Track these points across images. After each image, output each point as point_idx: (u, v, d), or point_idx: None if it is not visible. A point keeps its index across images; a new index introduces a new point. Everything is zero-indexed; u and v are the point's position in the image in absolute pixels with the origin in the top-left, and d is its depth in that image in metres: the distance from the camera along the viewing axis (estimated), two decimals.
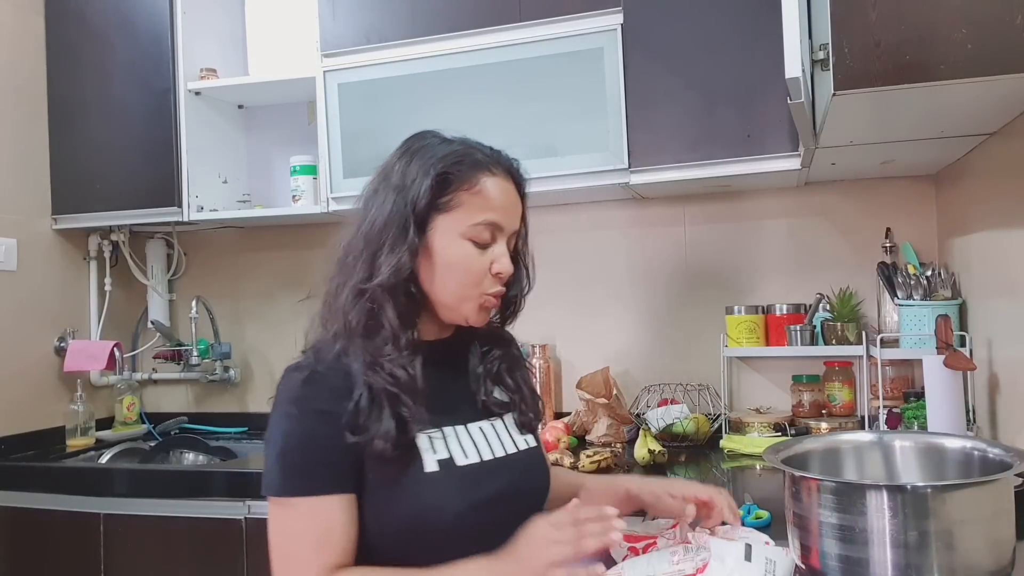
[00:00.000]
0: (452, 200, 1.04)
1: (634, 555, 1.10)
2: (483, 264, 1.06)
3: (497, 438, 1.10)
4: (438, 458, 1.02)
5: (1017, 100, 1.30)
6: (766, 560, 1.02)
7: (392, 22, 2.24)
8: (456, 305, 1.07)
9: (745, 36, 1.95)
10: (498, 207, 1.06)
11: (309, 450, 0.98)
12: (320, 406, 0.99)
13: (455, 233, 1.04)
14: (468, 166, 1.05)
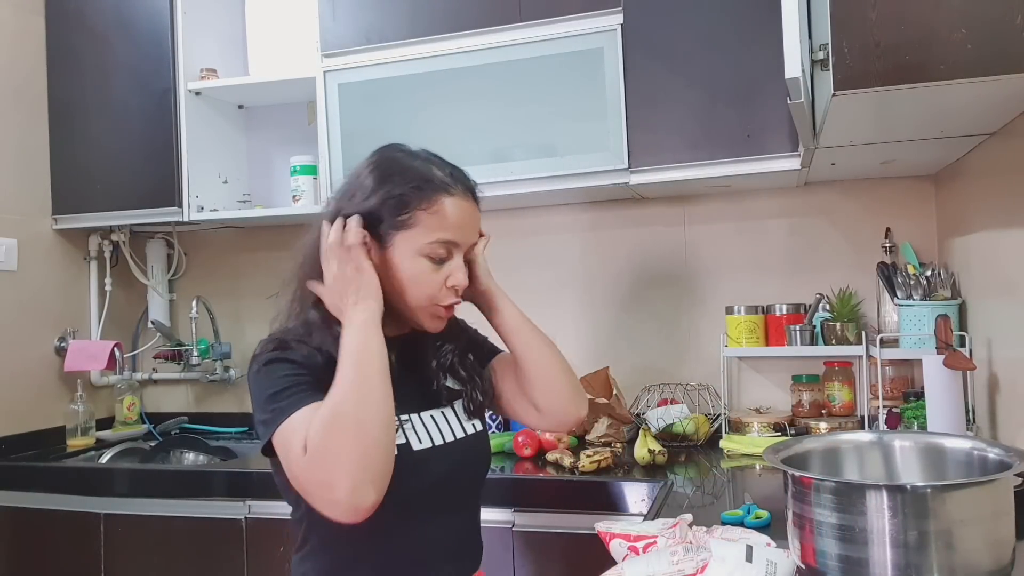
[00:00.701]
0: (410, 219, 1.11)
1: (634, 555, 1.10)
2: (438, 279, 1.13)
3: (447, 424, 1.19)
4: (397, 443, 1.08)
5: (1017, 100, 1.30)
6: (767, 562, 1.02)
7: (392, 22, 2.24)
8: (412, 315, 1.15)
9: (745, 36, 1.95)
10: (454, 226, 1.12)
11: (291, 384, 1.06)
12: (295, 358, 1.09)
13: (412, 250, 1.11)
14: (427, 187, 1.12)
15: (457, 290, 1.15)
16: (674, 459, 2.01)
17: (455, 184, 1.14)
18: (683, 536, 1.10)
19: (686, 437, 2.13)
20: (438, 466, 1.14)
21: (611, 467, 1.91)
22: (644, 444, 1.95)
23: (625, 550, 1.12)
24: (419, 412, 1.17)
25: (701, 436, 2.15)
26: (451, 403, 1.22)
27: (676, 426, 2.13)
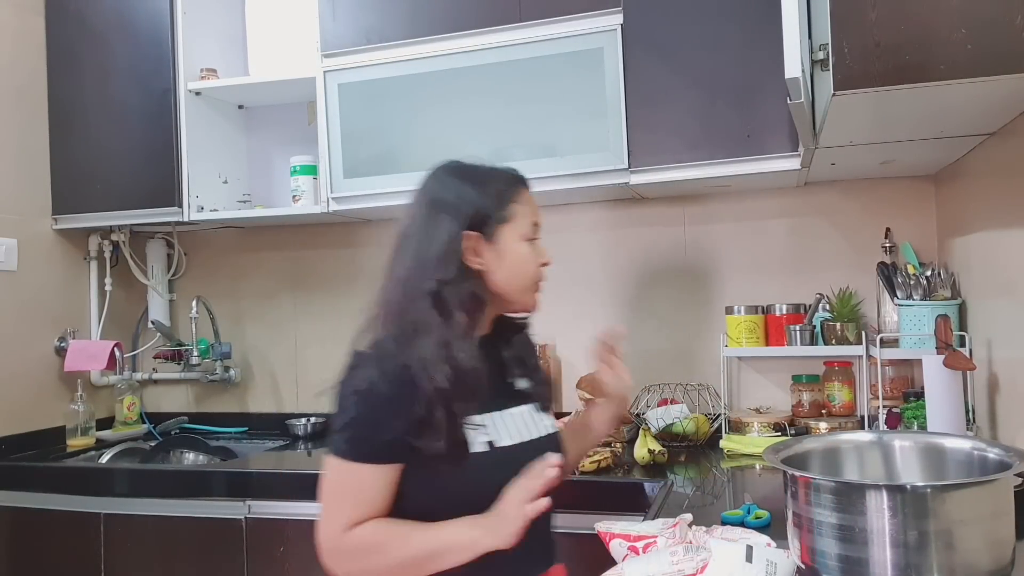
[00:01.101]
0: (510, 211, 1.24)
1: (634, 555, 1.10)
2: (538, 259, 1.27)
3: (532, 422, 1.27)
4: (485, 440, 1.18)
5: (1017, 100, 1.30)
6: (767, 562, 1.02)
7: (392, 22, 2.24)
8: (522, 296, 1.26)
9: (745, 36, 1.95)
10: (535, 210, 1.28)
11: (371, 426, 1.13)
12: (386, 392, 1.13)
13: (516, 237, 1.24)
14: (513, 183, 1.27)
15: (549, 265, 1.29)
16: (674, 459, 2.01)
17: (522, 177, 1.30)
18: (683, 536, 1.10)
19: (686, 437, 2.13)
20: (521, 462, 1.18)
21: (611, 467, 1.91)
22: (644, 444, 1.95)
23: (625, 550, 1.12)
24: (501, 410, 1.23)
25: (701, 436, 2.15)
26: (526, 402, 1.29)
27: (676, 426, 2.13)
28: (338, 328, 2.70)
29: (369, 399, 1.13)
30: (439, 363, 1.13)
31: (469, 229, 1.20)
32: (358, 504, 1.15)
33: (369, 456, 1.13)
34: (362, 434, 1.13)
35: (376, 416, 1.13)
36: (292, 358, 2.76)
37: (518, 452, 1.20)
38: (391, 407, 1.12)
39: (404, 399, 1.12)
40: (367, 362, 1.16)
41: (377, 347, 1.18)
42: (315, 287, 2.74)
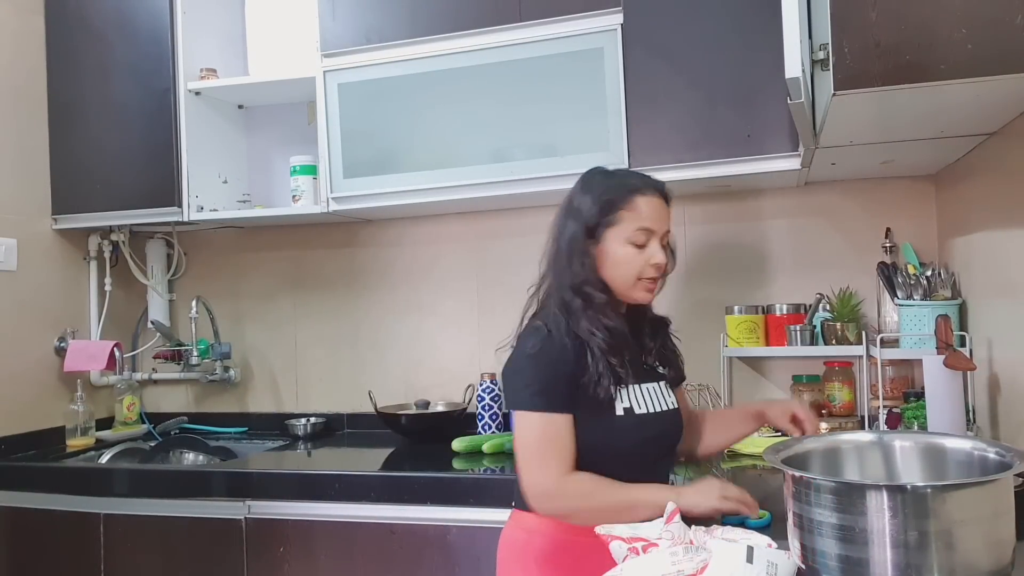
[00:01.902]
0: (615, 217, 1.43)
1: (634, 555, 1.10)
2: (643, 259, 1.43)
3: (660, 396, 1.48)
4: (624, 406, 1.41)
5: (1017, 100, 1.30)
6: (768, 563, 1.02)
7: (392, 22, 2.24)
8: (626, 290, 1.45)
9: (745, 36, 1.95)
10: (647, 217, 1.43)
11: (549, 380, 1.38)
12: (556, 355, 1.39)
13: (620, 239, 1.43)
14: (626, 191, 1.44)
15: (660, 267, 1.44)
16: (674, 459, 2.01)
17: (644, 186, 1.45)
18: (683, 536, 1.10)
19: None
20: (651, 429, 1.43)
21: None
22: None
23: (625, 551, 1.12)
24: (640, 384, 1.45)
25: None
26: (658, 379, 1.51)
27: None
28: (338, 328, 2.70)
29: (542, 359, 1.38)
30: (595, 327, 1.39)
31: (586, 232, 1.43)
32: (561, 450, 1.36)
33: (558, 406, 1.37)
34: (546, 388, 1.37)
35: (551, 372, 1.38)
36: (292, 358, 2.76)
37: (649, 419, 1.43)
38: (561, 365, 1.38)
39: (570, 358, 1.38)
40: (535, 333, 1.41)
41: (542, 318, 1.43)
42: (315, 287, 2.74)
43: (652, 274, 1.45)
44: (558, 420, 1.37)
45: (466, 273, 2.59)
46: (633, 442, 1.42)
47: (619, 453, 1.40)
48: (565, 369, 1.38)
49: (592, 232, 1.44)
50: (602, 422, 1.40)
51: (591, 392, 1.38)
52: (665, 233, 1.47)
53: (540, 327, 1.41)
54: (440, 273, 2.62)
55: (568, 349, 1.39)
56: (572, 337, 1.40)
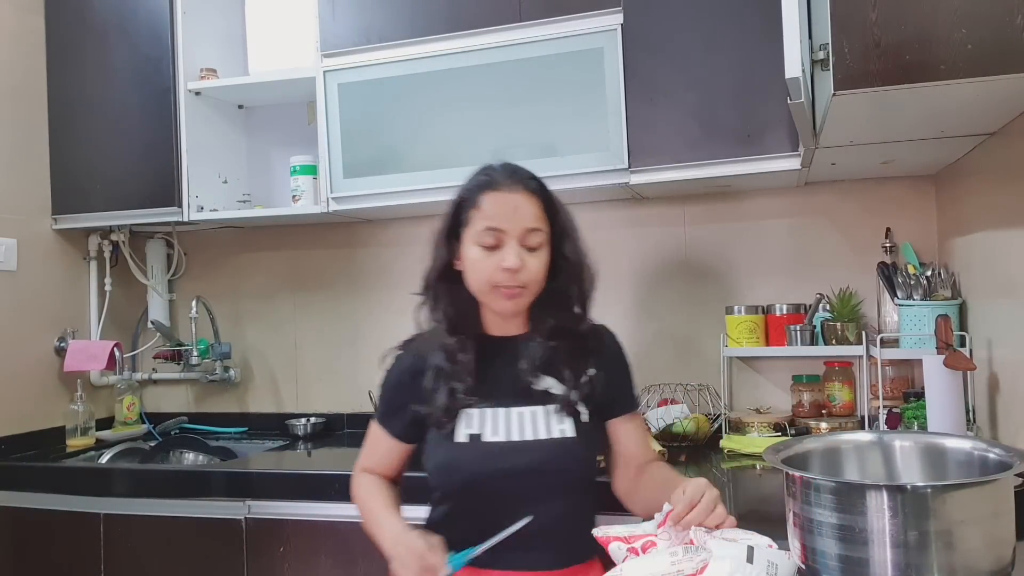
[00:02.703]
0: (466, 217, 1.33)
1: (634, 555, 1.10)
2: (492, 263, 1.30)
3: (538, 423, 1.32)
4: (470, 432, 1.31)
5: (1017, 100, 1.30)
6: (768, 563, 1.02)
7: (392, 22, 2.24)
8: (485, 298, 1.34)
9: (745, 36, 1.95)
10: (493, 215, 1.30)
11: (386, 403, 1.44)
12: (397, 379, 1.41)
13: (470, 241, 1.32)
14: (474, 189, 1.34)
15: (510, 272, 1.29)
16: (674, 459, 2.01)
17: (497, 181, 1.33)
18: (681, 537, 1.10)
19: (686, 437, 2.13)
20: (505, 460, 1.29)
21: None
22: None
23: (625, 552, 1.12)
24: (507, 407, 1.33)
25: (701, 436, 2.15)
26: (544, 404, 1.34)
27: (676, 426, 2.13)
28: (338, 328, 2.70)
29: (385, 381, 1.43)
30: (435, 343, 1.34)
31: (445, 233, 1.35)
32: (370, 455, 1.45)
33: (387, 425, 1.43)
34: (386, 411, 1.43)
35: (387, 394, 1.42)
36: (292, 358, 2.76)
37: (503, 448, 1.30)
38: (399, 391, 1.39)
39: (407, 381, 1.36)
40: (394, 352, 1.43)
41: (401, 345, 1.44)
42: (315, 287, 2.74)
43: (505, 280, 1.30)
44: (379, 433, 1.44)
45: None
46: (478, 472, 1.30)
47: (466, 483, 1.32)
48: (399, 398, 1.39)
49: (451, 233, 1.36)
50: (443, 448, 1.33)
51: (433, 417, 1.34)
52: (528, 232, 1.31)
53: (398, 347, 1.44)
54: None
55: (407, 372, 1.39)
56: (418, 358, 1.38)
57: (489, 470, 1.30)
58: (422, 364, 1.36)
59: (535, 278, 1.32)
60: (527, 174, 1.36)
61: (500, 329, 1.39)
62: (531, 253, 1.31)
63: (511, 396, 1.33)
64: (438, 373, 1.34)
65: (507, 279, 1.29)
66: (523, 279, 1.30)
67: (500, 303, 1.32)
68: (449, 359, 1.33)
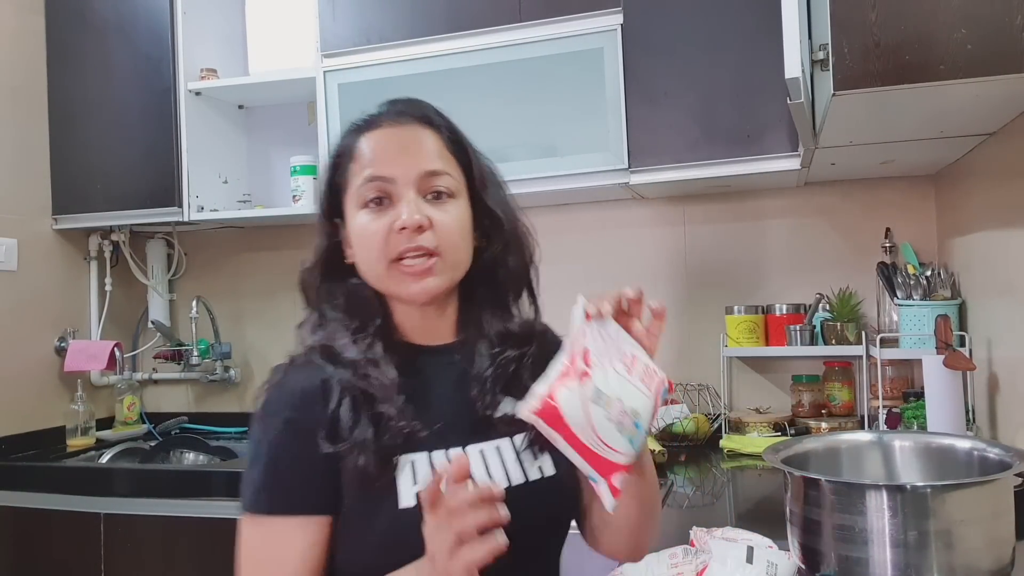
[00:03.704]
0: (345, 177, 0.96)
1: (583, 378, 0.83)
2: (382, 226, 0.91)
3: (501, 465, 0.92)
4: (417, 490, 0.84)
5: (1017, 100, 1.30)
6: (768, 563, 1.02)
7: (392, 22, 2.23)
8: (381, 283, 0.94)
9: (745, 36, 1.95)
10: (376, 160, 0.93)
11: (277, 463, 0.87)
12: (289, 414, 0.88)
13: (354, 207, 0.94)
14: (349, 137, 0.97)
15: (407, 231, 0.90)
16: (674, 459, 2.01)
17: (377, 118, 0.97)
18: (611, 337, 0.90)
19: (686, 437, 2.13)
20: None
21: None
22: None
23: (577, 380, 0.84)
24: (458, 446, 0.90)
25: (701, 436, 2.15)
26: (510, 435, 0.94)
27: (676, 426, 2.13)
28: None
29: (267, 425, 0.88)
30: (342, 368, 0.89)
31: (323, 211, 0.98)
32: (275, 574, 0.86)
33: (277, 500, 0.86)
34: (268, 474, 0.87)
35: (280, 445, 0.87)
36: None
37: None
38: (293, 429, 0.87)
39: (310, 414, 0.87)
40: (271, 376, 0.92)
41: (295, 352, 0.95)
42: None
43: (403, 244, 0.90)
44: (279, 530, 0.85)
45: None
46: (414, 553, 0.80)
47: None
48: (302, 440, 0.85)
49: (332, 210, 0.97)
50: (381, 517, 0.85)
51: (350, 470, 0.85)
52: (427, 177, 0.93)
53: (278, 367, 0.93)
54: None
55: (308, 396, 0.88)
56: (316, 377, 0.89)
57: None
58: (326, 387, 0.88)
59: (450, 239, 0.92)
60: (422, 105, 1.01)
61: (424, 335, 0.97)
62: (437, 205, 0.93)
63: (465, 430, 0.91)
64: (354, 396, 0.87)
65: (406, 242, 0.90)
66: (431, 242, 0.90)
67: (405, 285, 0.91)
68: (361, 375, 0.88)
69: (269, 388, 0.91)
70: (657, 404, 0.85)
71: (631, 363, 0.86)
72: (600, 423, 0.79)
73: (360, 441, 0.84)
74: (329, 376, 0.89)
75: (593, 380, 0.80)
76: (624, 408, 0.80)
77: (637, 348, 0.88)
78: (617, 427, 0.79)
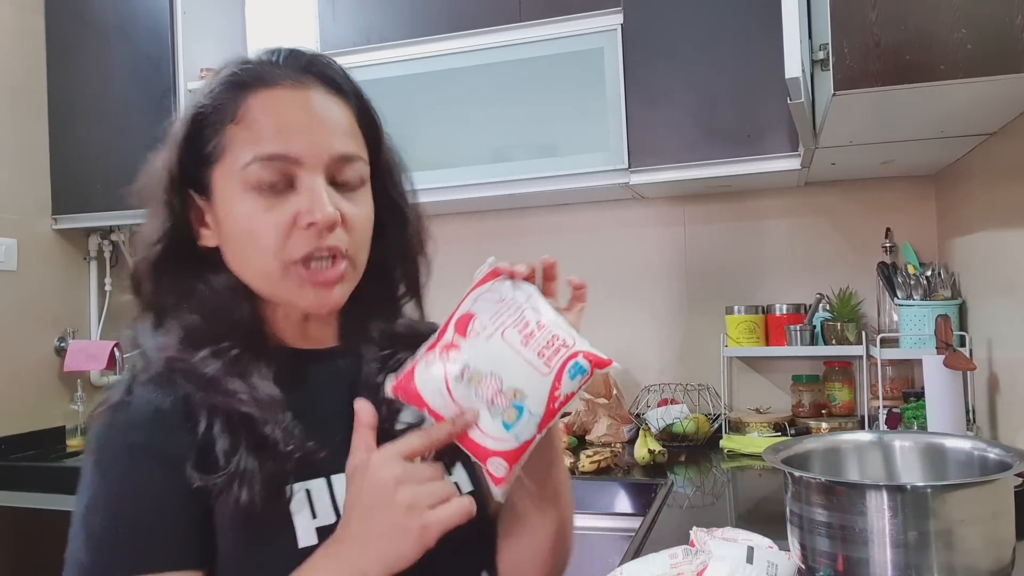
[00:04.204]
0: (220, 143, 0.76)
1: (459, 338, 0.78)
2: (280, 219, 0.73)
3: None
4: (318, 524, 0.71)
5: (1017, 100, 1.30)
6: (768, 563, 1.02)
7: (392, 22, 2.24)
8: (270, 286, 0.76)
9: (745, 36, 1.95)
10: (277, 132, 0.74)
11: (125, 505, 0.71)
12: (137, 439, 0.71)
13: (233, 185, 0.75)
14: (229, 91, 0.77)
15: (318, 226, 0.73)
16: (674, 459, 2.01)
17: (272, 73, 0.76)
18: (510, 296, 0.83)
19: (686, 437, 2.13)
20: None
21: (611, 467, 1.90)
22: (644, 444, 1.95)
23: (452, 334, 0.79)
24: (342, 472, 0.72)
25: (701, 436, 2.15)
26: None
27: (676, 426, 2.13)
28: None
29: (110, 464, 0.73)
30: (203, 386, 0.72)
31: (184, 182, 0.78)
32: None
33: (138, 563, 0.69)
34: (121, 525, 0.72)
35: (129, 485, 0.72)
36: None
37: None
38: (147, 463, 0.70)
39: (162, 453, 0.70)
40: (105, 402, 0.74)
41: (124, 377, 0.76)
42: None
43: (310, 245, 0.74)
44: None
45: (465, 273, 2.58)
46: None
47: None
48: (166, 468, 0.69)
49: (183, 180, 0.78)
50: (271, 569, 0.69)
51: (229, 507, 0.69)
52: (340, 162, 0.76)
53: (110, 398, 0.73)
54: (439, 273, 2.60)
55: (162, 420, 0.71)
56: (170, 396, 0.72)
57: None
58: (188, 406, 0.72)
59: (362, 239, 0.79)
60: (326, 61, 0.80)
61: (304, 339, 0.82)
62: (348, 196, 0.77)
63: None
64: (227, 416, 0.71)
65: (314, 241, 0.74)
66: (343, 241, 0.75)
67: (305, 293, 0.75)
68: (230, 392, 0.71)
69: (106, 413, 0.72)
70: (559, 383, 0.69)
71: (530, 334, 0.71)
72: (465, 402, 0.69)
73: (240, 471, 0.68)
74: (190, 393, 0.72)
75: (462, 353, 0.70)
76: (502, 387, 0.68)
77: (553, 318, 0.75)
78: (487, 407, 0.68)
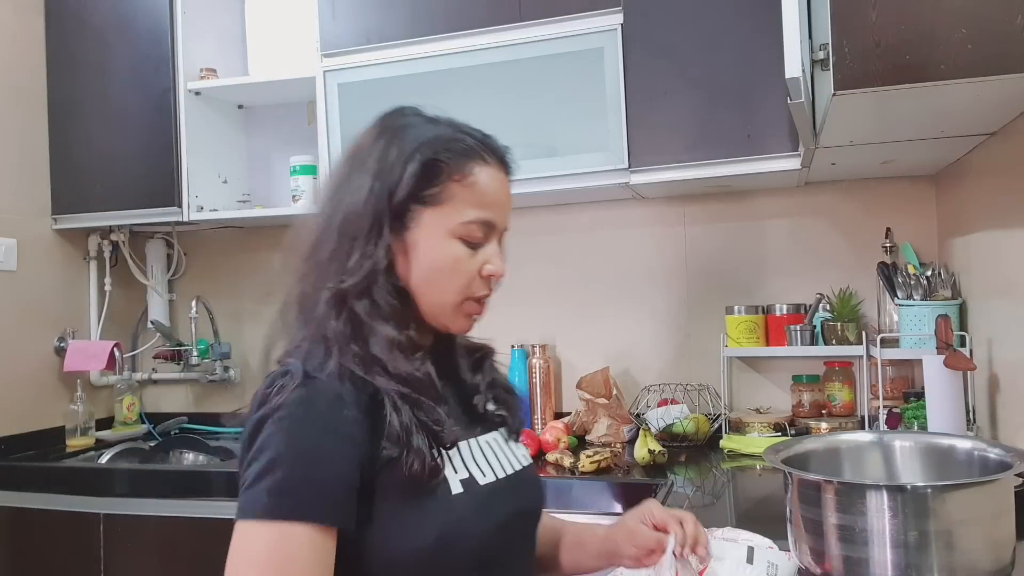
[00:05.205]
0: (441, 192, 0.93)
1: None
2: (473, 266, 0.95)
3: (504, 453, 0.99)
4: (460, 477, 0.90)
5: (1017, 100, 1.30)
6: (768, 563, 1.02)
7: (392, 22, 2.23)
8: (440, 311, 0.95)
9: (745, 36, 1.95)
10: (493, 203, 0.96)
11: (308, 467, 0.83)
12: (322, 414, 0.85)
13: (444, 230, 0.93)
14: (460, 153, 0.96)
15: (496, 279, 0.97)
16: (674, 459, 2.01)
17: (489, 152, 0.98)
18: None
19: (686, 437, 2.13)
20: (506, 503, 0.94)
21: (611, 467, 1.91)
22: (644, 444, 1.95)
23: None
24: (475, 438, 0.97)
25: (701, 436, 2.15)
26: (496, 426, 1.02)
27: (676, 426, 2.13)
28: None
29: (296, 430, 0.83)
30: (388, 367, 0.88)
31: (387, 209, 0.91)
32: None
33: (320, 509, 0.82)
34: (300, 479, 0.82)
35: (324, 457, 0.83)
36: None
37: (500, 491, 0.93)
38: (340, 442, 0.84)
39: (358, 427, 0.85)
40: (285, 381, 0.87)
41: (297, 356, 0.93)
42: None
43: (483, 291, 0.96)
44: (314, 540, 0.81)
45: None
46: (484, 531, 0.89)
47: (467, 554, 0.87)
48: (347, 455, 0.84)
49: (397, 210, 0.92)
50: (430, 513, 0.86)
51: (403, 471, 0.85)
52: (504, 232, 1.02)
53: (293, 371, 0.88)
54: None
55: (350, 409, 0.85)
56: (354, 383, 0.87)
57: (499, 522, 0.92)
58: (367, 398, 0.87)
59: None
60: (509, 152, 1.04)
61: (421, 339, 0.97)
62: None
63: (472, 420, 0.99)
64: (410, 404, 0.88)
65: (485, 289, 0.97)
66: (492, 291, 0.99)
67: (462, 321, 0.97)
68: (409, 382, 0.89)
69: (297, 390, 0.85)
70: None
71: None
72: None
73: (416, 447, 0.85)
74: (380, 388, 0.88)
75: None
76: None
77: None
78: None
